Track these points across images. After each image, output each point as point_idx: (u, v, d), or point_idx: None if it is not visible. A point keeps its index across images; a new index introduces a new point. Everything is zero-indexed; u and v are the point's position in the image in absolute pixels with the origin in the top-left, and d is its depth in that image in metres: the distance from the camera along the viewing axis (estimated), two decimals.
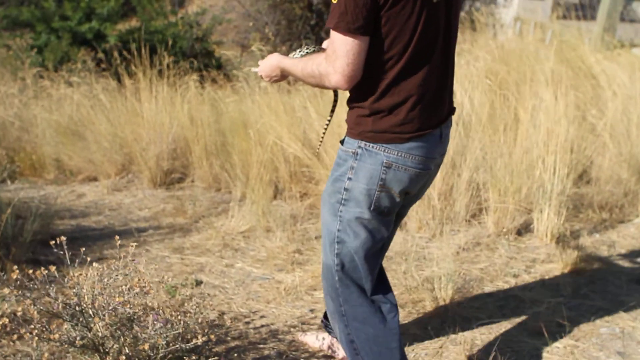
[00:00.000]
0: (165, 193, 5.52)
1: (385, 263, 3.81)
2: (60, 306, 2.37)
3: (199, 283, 3.63)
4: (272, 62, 2.37)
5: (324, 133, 2.57)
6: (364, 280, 2.39)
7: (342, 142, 2.31)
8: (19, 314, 2.52)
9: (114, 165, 6.00)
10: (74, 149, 6.14)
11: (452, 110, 2.38)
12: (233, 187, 5.30)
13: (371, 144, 2.20)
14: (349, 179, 2.25)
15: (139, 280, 2.40)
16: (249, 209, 4.54)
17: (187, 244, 4.26)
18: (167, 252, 4.11)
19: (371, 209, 2.26)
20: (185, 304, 3.28)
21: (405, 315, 3.25)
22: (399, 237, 4.17)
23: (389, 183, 2.22)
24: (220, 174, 5.42)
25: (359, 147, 2.22)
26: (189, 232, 4.48)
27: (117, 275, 2.56)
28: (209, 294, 3.48)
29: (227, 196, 5.29)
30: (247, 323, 3.20)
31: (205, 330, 2.74)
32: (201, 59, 9.79)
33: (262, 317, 3.26)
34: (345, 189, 2.27)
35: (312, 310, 3.32)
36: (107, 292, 2.43)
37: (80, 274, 2.57)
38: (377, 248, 2.39)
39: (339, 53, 2.06)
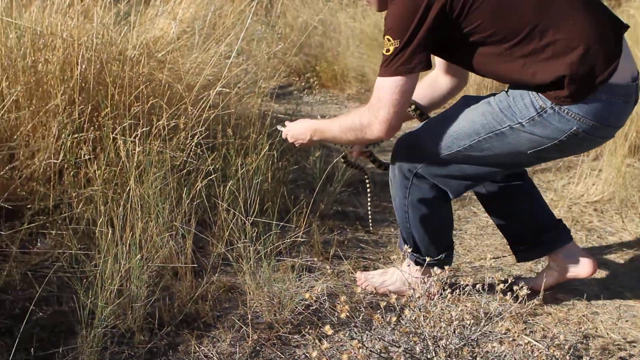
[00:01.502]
0: None
1: None
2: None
3: None
4: (305, 125, 2.35)
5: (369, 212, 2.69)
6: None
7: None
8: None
9: None
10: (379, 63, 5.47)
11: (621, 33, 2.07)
12: None
13: (567, 108, 2.00)
14: (521, 124, 2.07)
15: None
16: (604, 171, 3.54)
17: None
18: None
19: (529, 152, 2.12)
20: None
21: None
22: None
23: (567, 146, 2.09)
24: None
25: (552, 107, 2.02)
26: None
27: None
28: (566, 303, 2.61)
29: None
30: None
31: None
32: None
33: None
34: (511, 128, 2.08)
35: None
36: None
37: (427, 300, 1.81)
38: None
39: (384, 101, 2.05)
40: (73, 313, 2.19)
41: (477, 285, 1.93)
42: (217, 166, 2.73)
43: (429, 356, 1.71)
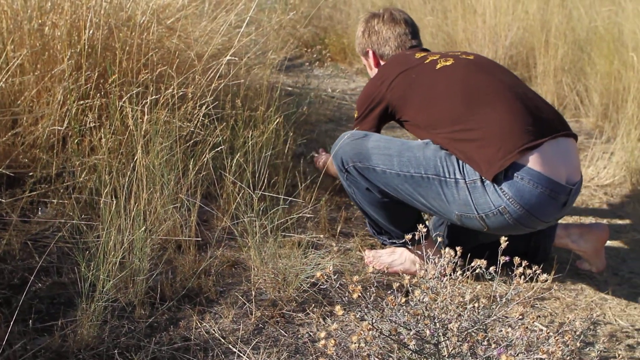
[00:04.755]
0: None
1: None
2: (413, 344, 1.58)
3: None
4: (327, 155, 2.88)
5: None
6: None
7: None
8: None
9: None
10: None
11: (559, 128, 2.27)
12: (584, 115, 4.26)
13: (501, 186, 2.13)
14: (465, 182, 2.18)
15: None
16: (616, 154, 3.47)
17: None
18: None
19: (456, 213, 2.23)
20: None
21: None
22: None
23: (490, 222, 2.20)
24: (569, 96, 4.37)
25: (482, 179, 2.15)
26: None
27: None
28: (575, 288, 2.56)
29: (574, 125, 4.26)
30: (631, 348, 2.24)
31: None
32: None
33: None
34: (457, 181, 2.19)
35: None
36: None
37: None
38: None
39: None
40: (73, 285, 2.14)
41: (491, 268, 1.87)
42: (224, 138, 2.67)
43: (440, 339, 1.66)
